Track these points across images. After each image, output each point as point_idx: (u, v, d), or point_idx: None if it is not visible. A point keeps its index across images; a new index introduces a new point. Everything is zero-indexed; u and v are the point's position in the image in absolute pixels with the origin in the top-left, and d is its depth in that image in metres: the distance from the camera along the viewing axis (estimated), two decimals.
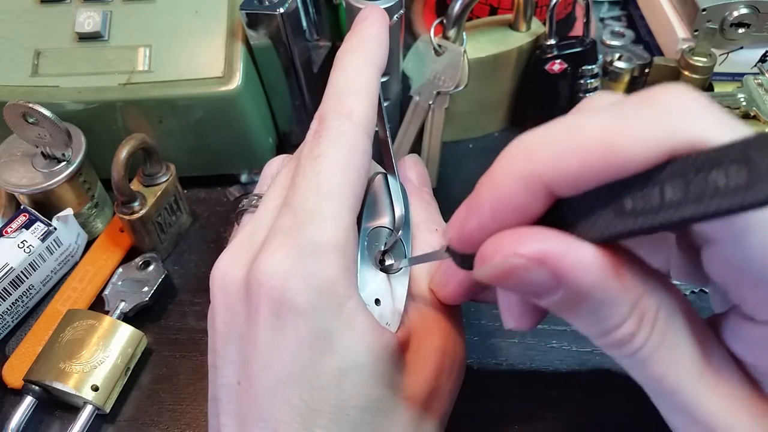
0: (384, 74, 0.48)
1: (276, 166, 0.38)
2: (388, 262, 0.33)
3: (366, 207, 0.33)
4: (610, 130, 0.19)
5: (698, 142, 0.19)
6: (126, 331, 0.44)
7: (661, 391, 0.23)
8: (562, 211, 0.22)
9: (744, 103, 0.52)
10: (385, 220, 0.34)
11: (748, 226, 0.19)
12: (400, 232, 0.34)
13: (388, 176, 0.35)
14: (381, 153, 0.35)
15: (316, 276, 0.27)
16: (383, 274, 0.32)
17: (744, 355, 0.23)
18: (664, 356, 0.22)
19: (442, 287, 0.33)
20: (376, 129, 0.32)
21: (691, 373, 0.22)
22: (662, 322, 0.22)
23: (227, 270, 0.30)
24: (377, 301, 0.31)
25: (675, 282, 0.25)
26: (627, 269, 0.21)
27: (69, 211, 0.48)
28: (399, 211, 0.34)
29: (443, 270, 0.33)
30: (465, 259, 0.25)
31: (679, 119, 0.19)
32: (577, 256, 0.21)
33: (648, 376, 0.23)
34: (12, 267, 0.44)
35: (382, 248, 0.33)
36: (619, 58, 0.58)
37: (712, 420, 0.22)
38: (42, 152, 0.47)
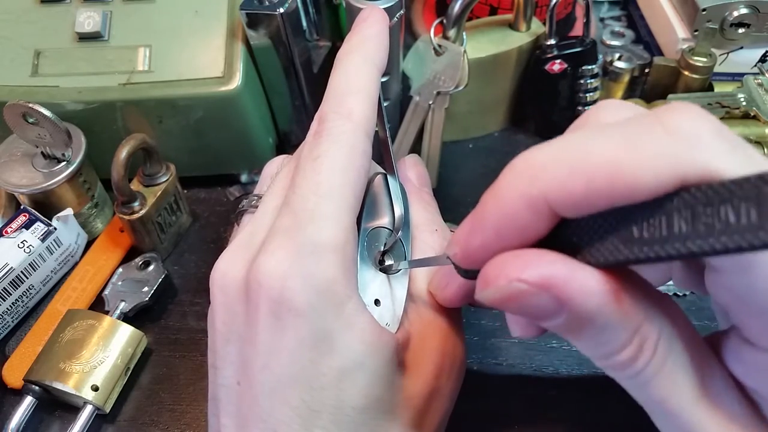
0: (384, 74, 0.47)
1: (276, 166, 0.38)
2: (387, 262, 0.33)
3: (366, 207, 0.33)
4: (619, 154, 0.19)
5: (710, 173, 0.18)
6: (126, 331, 0.44)
7: (661, 412, 0.23)
8: (567, 232, 0.21)
9: (744, 103, 0.52)
10: (384, 221, 0.34)
11: (755, 258, 0.19)
12: (400, 232, 0.34)
13: (388, 176, 0.35)
14: (381, 153, 0.35)
15: (315, 276, 0.27)
16: (383, 275, 0.32)
17: (744, 378, 0.23)
18: (664, 380, 0.22)
19: (441, 290, 0.33)
20: (376, 129, 0.32)
21: (690, 397, 0.22)
22: (663, 348, 0.22)
23: (227, 270, 0.30)
24: (377, 302, 0.31)
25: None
26: (629, 296, 0.21)
27: (69, 211, 0.48)
28: (399, 211, 0.34)
29: (443, 273, 0.33)
30: (468, 270, 0.25)
31: (691, 147, 0.19)
32: (580, 283, 0.21)
33: (648, 397, 0.23)
34: (12, 267, 0.44)
35: (382, 249, 0.33)
36: (619, 58, 0.58)
37: None
38: (42, 152, 0.47)
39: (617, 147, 0.19)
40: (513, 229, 0.22)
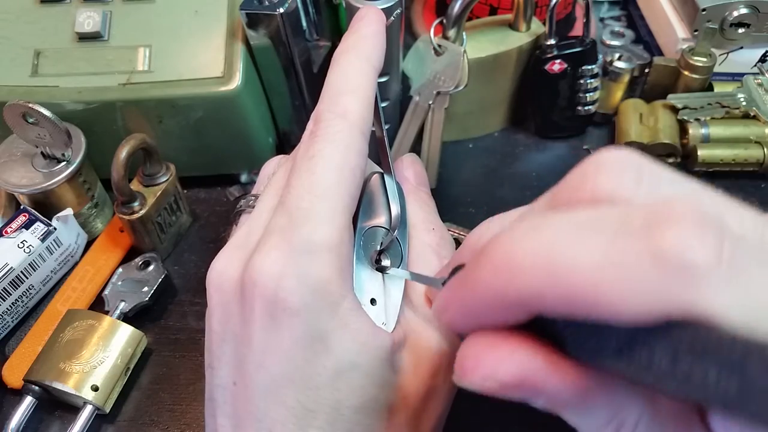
0: (384, 74, 0.48)
1: (273, 166, 0.38)
2: (384, 262, 0.33)
3: (362, 207, 0.33)
4: (603, 274, 0.18)
5: (700, 315, 0.17)
6: (126, 331, 0.44)
7: None
8: (548, 320, 0.21)
9: (744, 103, 0.52)
10: (381, 220, 0.34)
11: None
12: (396, 231, 0.34)
13: (385, 176, 0.35)
14: (378, 152, 0.35)
15: (310, 276, 0.27)
16: (379, 274, 0.32)
17: None
18: None
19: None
20: (373, 129, 0.32)
21: None
22: (643, 428, 0.22)
23: (223, 270, 0.30)
24: (373, 301, 0.31)
25: None
26: (608, 386, 0.21)
27: (69, 211, 0.48)
28: (395, 210, 0.34)
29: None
30: None
31: (681, 284, 0.17)
32: (555, 382, 0.20)
33: None
34: (12, 267, 0.45)
35: (378, 248, 0.33)
36: (619, 58, 0.58)
37: None
38: (42, 152, 0.47)
39: (601, 263, 0.18)
40: (489, 317, 0.21)
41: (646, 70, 0.58)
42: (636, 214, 0.18)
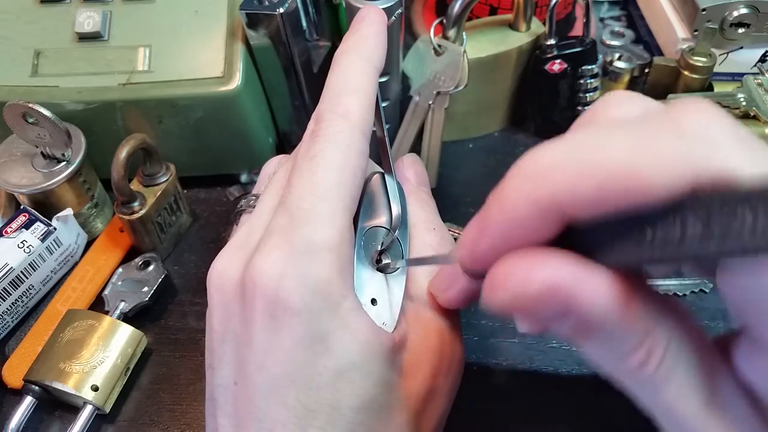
0: (384, 74, 0.48)
1: (273, 166, 0.38)
2: (385, 261, 0.33)
3: (363, 207, 0.33)
4: (631, 156, 0.18)
5: (725, 174, 0.18)
6: (126, 331, 0.44)
7: (668, 419, 0.23)
8: (577, 230, 0.21)
9: (744, 103, 0.52)
10: (382, 220, 0.34)
11: None
12: (397, 231, 0.34)
13: (386, 176, 0.35)
14: (379, 152, 0.35)
15: (310, 276, 0.27)
16: (380, 274, 0.32)
17: (755, 383, 0.22)
18: (673, 387, 0.22)
19: (442, 292, 0.33)
20: (374, 129, 0.32)
21: (698, 403, 0.22)
22: (672, 354, 0.22)
23: (224, 270, 0.30)
24: (374, 301, 0.31)
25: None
26: (639, 301, 0.21)
27: (69, 211, 0.48)
28: (396, 210, 0.34)
29: (444, 274, 0.33)
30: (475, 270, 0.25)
31: (706, 148, 0.18)
32: (588, 288, 0.20)
33: (656, 404, 0.23)
34: (12, 267, 0.45)
35: (379, 248, 0.33)
36: (619, 58, 0.58)
37: None
38: (42, 152, 0.47)
39: (629, 148, 0.19)
40: (520, 232, 0.21)
41: (646, 70, 0.58)
42: (653, 112, 0.20)
